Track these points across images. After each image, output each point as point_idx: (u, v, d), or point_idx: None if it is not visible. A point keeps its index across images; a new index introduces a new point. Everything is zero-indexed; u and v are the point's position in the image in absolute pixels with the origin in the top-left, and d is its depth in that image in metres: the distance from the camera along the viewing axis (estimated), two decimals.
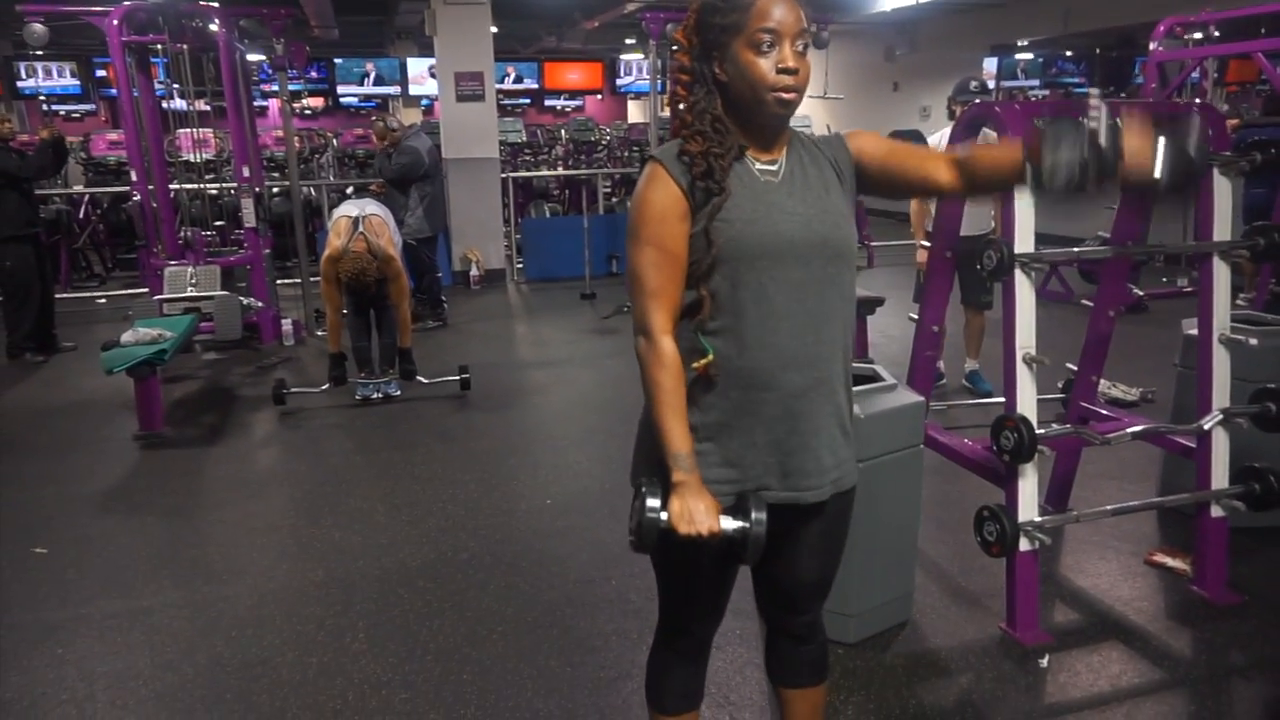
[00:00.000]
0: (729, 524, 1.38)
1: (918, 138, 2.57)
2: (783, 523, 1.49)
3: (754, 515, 1.36)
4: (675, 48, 1.44)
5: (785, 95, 1.35)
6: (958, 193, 1.52)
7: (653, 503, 1.37)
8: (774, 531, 1.51)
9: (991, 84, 15.00)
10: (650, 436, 1.48)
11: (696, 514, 1.36)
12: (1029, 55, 16.56)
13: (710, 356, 1.40)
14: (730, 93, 1.40)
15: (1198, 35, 6.74)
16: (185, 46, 5.72)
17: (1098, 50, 15.46)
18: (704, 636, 1.65)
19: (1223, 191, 2.62)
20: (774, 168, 1.44)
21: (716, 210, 1.37)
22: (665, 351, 1.40)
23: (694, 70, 1.42)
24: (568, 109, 18.29)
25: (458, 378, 4.98)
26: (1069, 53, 17.15)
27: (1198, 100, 2.74)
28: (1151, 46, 6.69)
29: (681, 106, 1.43)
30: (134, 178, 5.92)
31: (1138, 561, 3.01)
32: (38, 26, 5.64)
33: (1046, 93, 17.97)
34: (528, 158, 12.27)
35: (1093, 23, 9.51)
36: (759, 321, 1.39)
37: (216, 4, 5.98)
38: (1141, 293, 6.75)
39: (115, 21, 5.51)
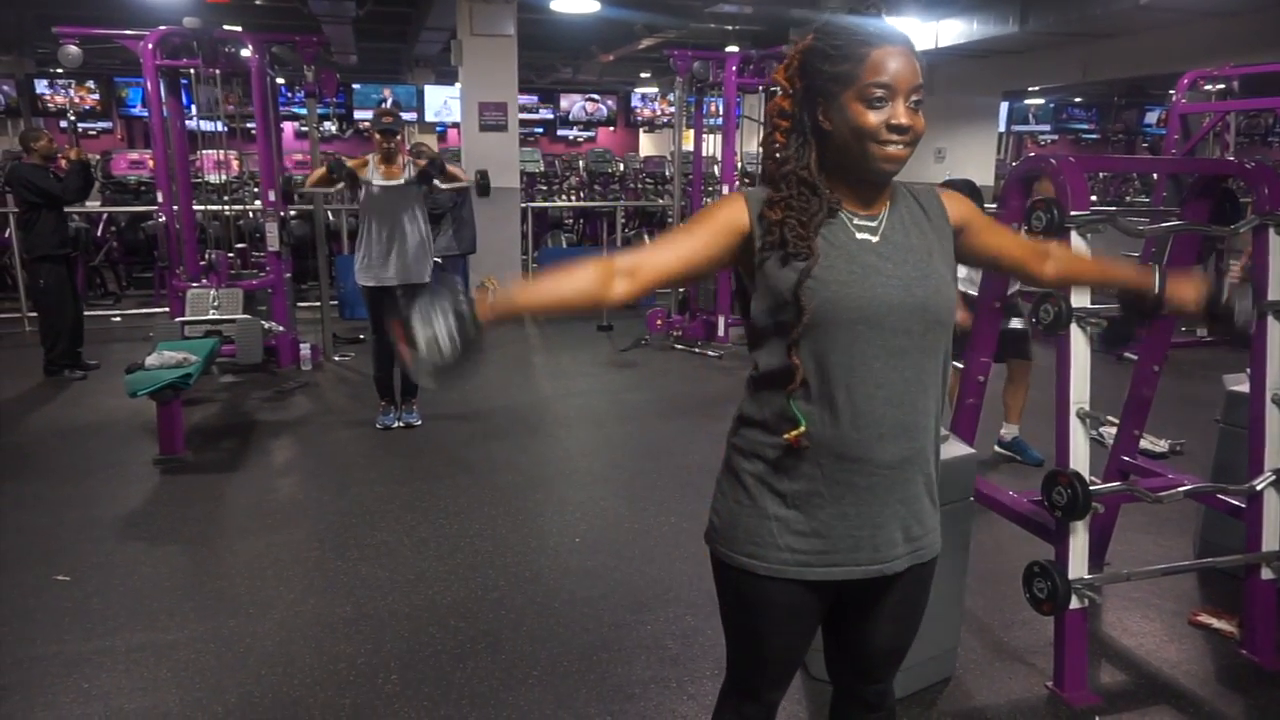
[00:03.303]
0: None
1: (969, 188, 2.55)
2: (866, 592, 1.46)
3: None
4: (776, 90, 1.39)
5: (895, 151, 1.31)
6: (1052, 286, 1.67)
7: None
8: (856, 601, 1.49)
9: (1002, 128, 15.14)
10: (732, 494, 1.45)
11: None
12: (1039, 101, 16.77)
13: (802, 428, 1.34)
14: (833, 142, 1.34)
15: (1219, 87, 6.83)
16: (217, 71, 5.76)
17: (1115, 98, 15.66)
18: (773, 701, 1.60)
19: (1277, 250, 2.61)
20: (873, 224, 1.38)
21: (806, 275, 1.32)
22: (586, 265, 1.34)
23: (794, 116, 1.37)
24: (580, 139, 18.48)
25: (475, 181, 5.03)
26: (1078, 99, 17.38)
27: (1254, 162, 2.74)
28: (1174, 98, 6.76)
29: (777, 155, 1.39)
30: (160, 199, 5.94)
31: (1181, 621, 2.95)
32: (72, 48, 5.68)
33: (1055, 138, 18.19)
34: (542, 187, 12.34)
35: (1111, 72, 9.60)
36: (854, 389, 1.34)
37: (240, 29, 6.06)
38: None
39: (150, 46, 5.55)
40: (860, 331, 1.33)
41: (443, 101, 14.88)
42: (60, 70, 13.27)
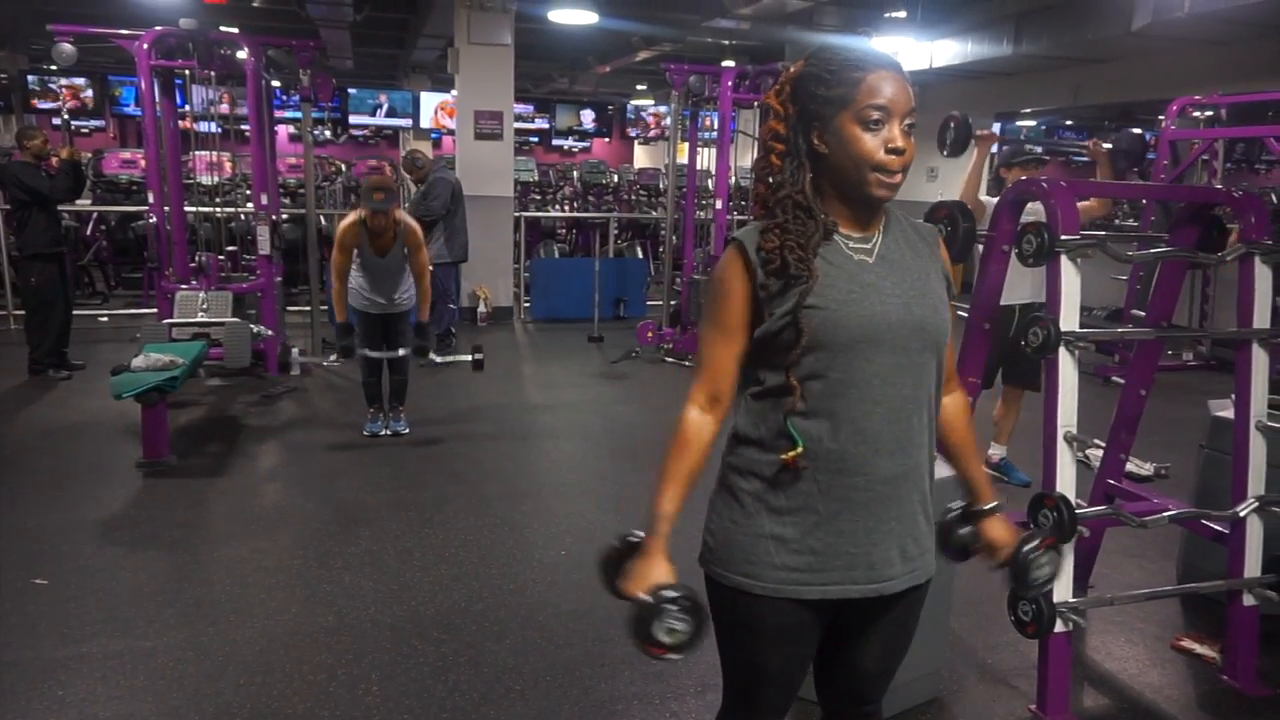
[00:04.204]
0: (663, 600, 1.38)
1: (963, 210, 2.57)
2: (862, 613, 1.45)
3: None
4: (771, 114, 1.40)
5: (890, 177, 1.32)
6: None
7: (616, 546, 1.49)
8: (852, 621, 1.48)
9: (994, 148, 15.22)
10: (727, 514, 1.45)
11: (637, 577, 1.40)
12: (1032, 122, 16.91)
13: (800, 449, 1.35)
14: (829, 165, 1.35)
15: (1209, 113, 6.89)
16: (213, 73, 5.75)
17: (1105, 122, 15.80)
18: None
19: (1263, 278, 2.63)
20: (868, 245, 1.40)
21: (804, 297, 1.32)
22: (688, 423, 1.44)
23: (789, 140, 1.37)
24: (574, 149, 18.50)
25: (470, 358, 4.98)
26: (1069, 122, 17.54)
27: (1240, 191, 2.77)
28: (1163, 125, 6.82)
29: (771, 179, 1.39)
30: (151, 199, 5.90)
31: (1164, 645, 2.96)
32: (67, 46, 5.65)
33: (1047, 158, 18.31)
34: (536, 197, 12.34)
35: (1101, 96, 9.68)
36: (853, 405, 1.35)
37: (237, 31, 6.04)
38: None
39: (145, 46, 5.53)
40: (861, 348, 1.35)
41: (434, 108, 14.86)
42: (54, 67, 13.20)
